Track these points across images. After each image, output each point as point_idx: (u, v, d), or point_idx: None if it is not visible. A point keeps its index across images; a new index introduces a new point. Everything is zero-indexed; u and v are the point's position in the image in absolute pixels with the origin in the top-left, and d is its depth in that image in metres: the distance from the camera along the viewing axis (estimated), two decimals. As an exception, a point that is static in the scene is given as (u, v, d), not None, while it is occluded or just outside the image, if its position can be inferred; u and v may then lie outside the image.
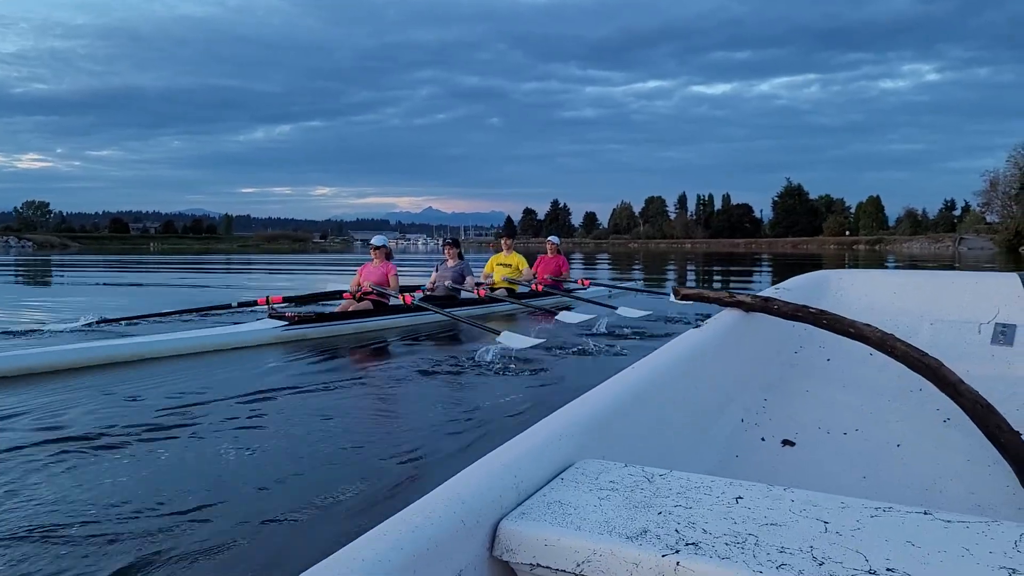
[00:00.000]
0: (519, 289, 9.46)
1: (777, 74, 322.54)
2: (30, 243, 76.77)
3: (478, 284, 8.89)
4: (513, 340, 5.92)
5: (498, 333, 6.11)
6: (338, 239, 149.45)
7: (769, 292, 2.67)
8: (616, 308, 8.02)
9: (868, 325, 2.11)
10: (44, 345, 5.76)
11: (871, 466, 1.96)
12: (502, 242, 10.24)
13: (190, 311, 7.92)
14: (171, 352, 5.73)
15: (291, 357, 5.83)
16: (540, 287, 9.44)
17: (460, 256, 8.87)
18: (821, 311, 2.21)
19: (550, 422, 1.36)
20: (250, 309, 7.84)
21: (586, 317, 7.29)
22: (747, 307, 2.36)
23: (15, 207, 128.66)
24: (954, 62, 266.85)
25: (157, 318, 7.55)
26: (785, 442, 2.10)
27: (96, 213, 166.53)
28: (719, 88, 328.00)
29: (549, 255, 10.13)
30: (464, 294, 8.65)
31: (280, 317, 6.80)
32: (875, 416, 2.23)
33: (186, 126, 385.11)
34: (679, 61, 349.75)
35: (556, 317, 7.37)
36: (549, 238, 10.49)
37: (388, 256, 8.07)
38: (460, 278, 8.63)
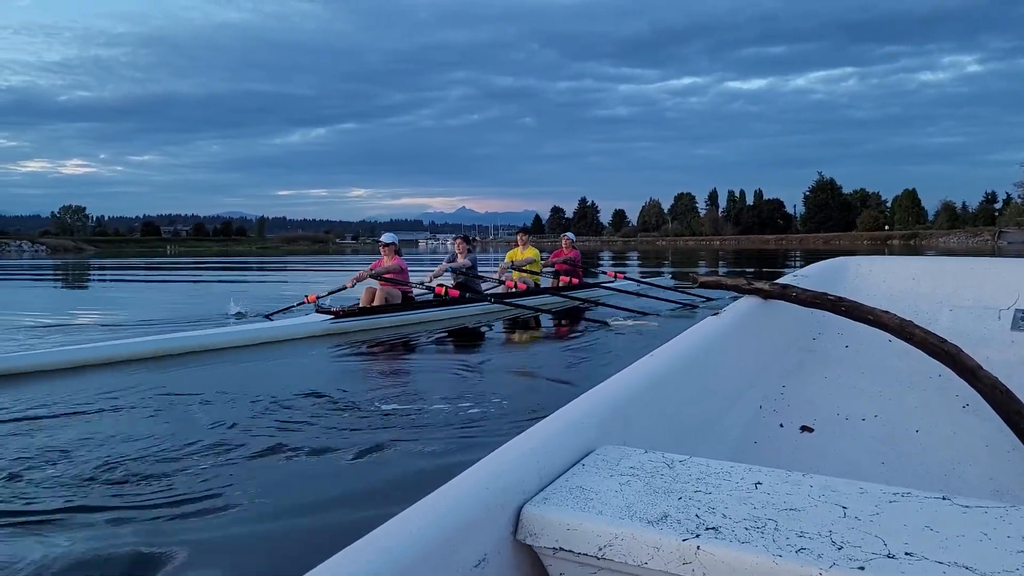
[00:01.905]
0: (541, 283, 10.08)
1: (813, 68, 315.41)
2: (44, 247, 75.71)
3: (499, 281, 9.41)
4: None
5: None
6: (349, 239, 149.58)
7: (787, 279, 2.66)
8: (659, 314, 8.42)
9: (887, 312, 2.10)
10: (120, 339, 6.53)
11: (890, 452, 1.95)
12: (518, 237, 10.78)
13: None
14: (236, 343, 6.43)
15: (337, 349, 6.37)
16: (564, 279, 9.97)
17: (469, 251, 9.50)
18: (839, 298, 2.21)
19: (571, 409, 1.38)
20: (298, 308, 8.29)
21: (648, 316, 7.90)
22: (765, 294, 2.36)
23: (52, 212, 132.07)
24: (996, 52, 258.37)
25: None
26: (803, 428, 2.11)
27: (136, 217, 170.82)
28: (755, 83, 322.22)
29: (564, 250, 10.86)
30: (488, 287, 9.24)
31: (325, 312, 7.34)
32: (894, 402, 2.22)
33: (223, 130, 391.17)
34: (712, 57, 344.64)
35: (619, 315, 7.89)
36: (565, 234, 11.34)
37: (398, 252, 8.41)
38: (472, 270, 9.25)
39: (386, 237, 8.54)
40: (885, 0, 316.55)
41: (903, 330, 2.05)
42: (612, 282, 10.79)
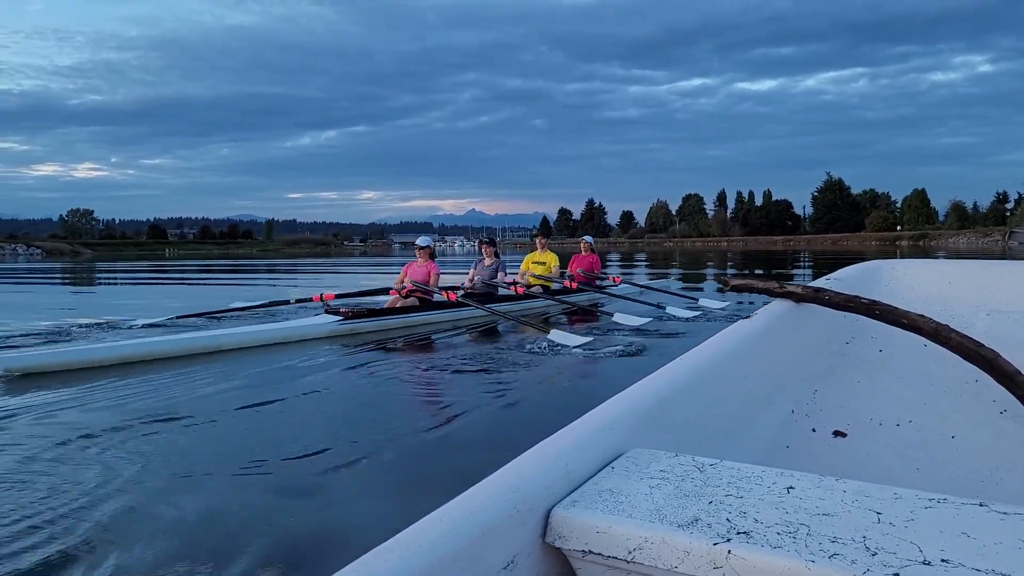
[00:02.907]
0: (553, 286, 9.81)
1: (823, 69, 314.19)
2: (39, 251, 74.38)
3: (514, 282, 9.31)
4: (563, 338, 6.26)
5: (547, 332, 6.49)
6: (357, 242, 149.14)
7: (820, 282, 2.65)
8: (665, 307, 8.35)
9: (922, 315, 2.09)
10: (132, 338, 6.66)
11: (925, 458, 1.94)
12: (537, 241, 10.69)
13: (254, 307, 8.68)
14: (243, 344, 6.45)
15: (346, 350, 6.44)
16: (575, 284, 9.77)
17: (496, 255, 9.36)
18: (873, 301, 2.20)
19: (600, 412, 1.37)
20: (303, 306, 8.56)
21: (642, 321, 7.53)
22: (797, 298, 2.35)
23: (60, 215, 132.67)
24: (1007, 52, 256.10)
25: (227, 313, 8.44)
26: (836, 433, 2.10)
27: (147, 220, 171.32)
28: (764, 84, 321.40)
29: (583, 254, 10.66)
30: (501, 291, 9.08)
31: (335, 313, 7.41)
32: (929, 407, 2.20)
33: (234, 134, 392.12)
34: (721, 58, 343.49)
35: (612, 318, 7.70)
36: (584, 238, 11.07)
37: (432, 256, 8.44)
38: (495, 275, 9.11)
39: (422, 240, 8.64)
40: (895, 0, 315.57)
41: (939, 334, 2.04)
42: (615, 286, 10.69)
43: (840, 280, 2.76)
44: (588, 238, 11.04)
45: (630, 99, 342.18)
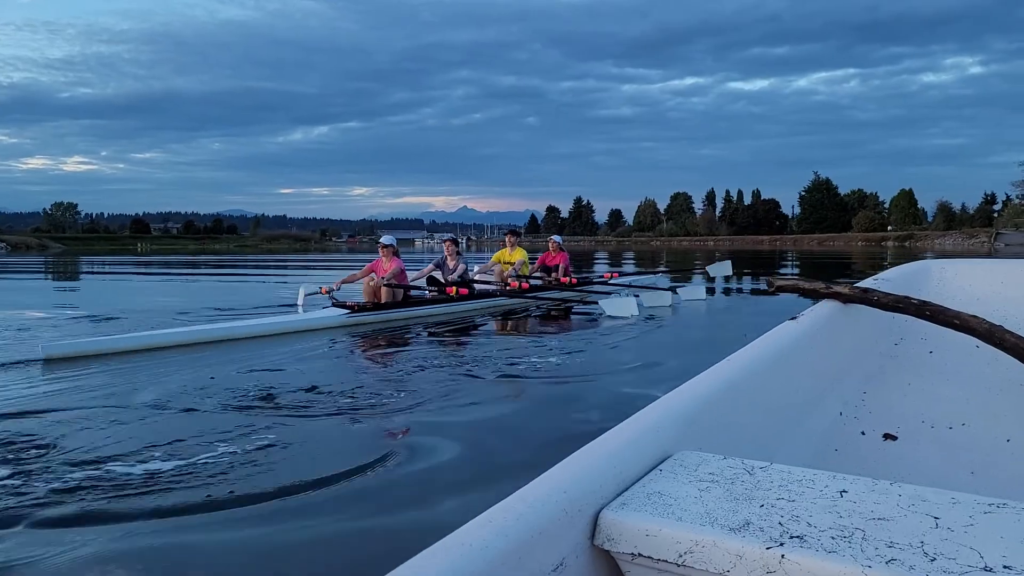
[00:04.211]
0: (531, 283, 10.42)
1: (816, 69, 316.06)
2: (3, 244, 71.12)
3: (517, 276, 10.12)
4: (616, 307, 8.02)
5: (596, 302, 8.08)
6: (346, 238, 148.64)
7: (867, 283, 2.64)
8: (638, 296, 9.11)
9: (974, 316, 2.08)
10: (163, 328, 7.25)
11: (979, 461, 1.92)
12: (506, 239, 11.19)
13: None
14: (262, 333, 7.14)
15: (355, 338, 7.16)
16: (569, 280, 10.51)
17: (459, 253, 9.82)
18: (923, 302, 2.18)
19: (647, 413, 1.36)
20: (314, 301, 9.12)
21: (626, 310, 8.40)
22: (845, 298, 2.34)
23: (44, 208, 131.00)
24: (999, 54, 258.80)
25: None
26: (887, 436, 2.08)
27: (136, 214, 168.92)
28: (757, 84, 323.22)
29: (551, 252, 11.23)
30: (489, 288, 9.82)
31: (342, 306, 8.01)
32: (982, 410, 2.19)
33: (226, 128, 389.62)
34: (716, 57, 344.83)
35: (599, 303, 8.52)
36: (552, 237, 11.84)
37: (396, 254, 8.94)
38: (465, 272, 9.65)
39: (385, 239, 9.13)
40: (889, 1, 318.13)
41: (992, 335, 2.03)
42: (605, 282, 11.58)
43: (888, 280, 2.74)
44: (556, 237, 11.69)
45: (624, 98, 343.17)
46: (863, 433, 2.08)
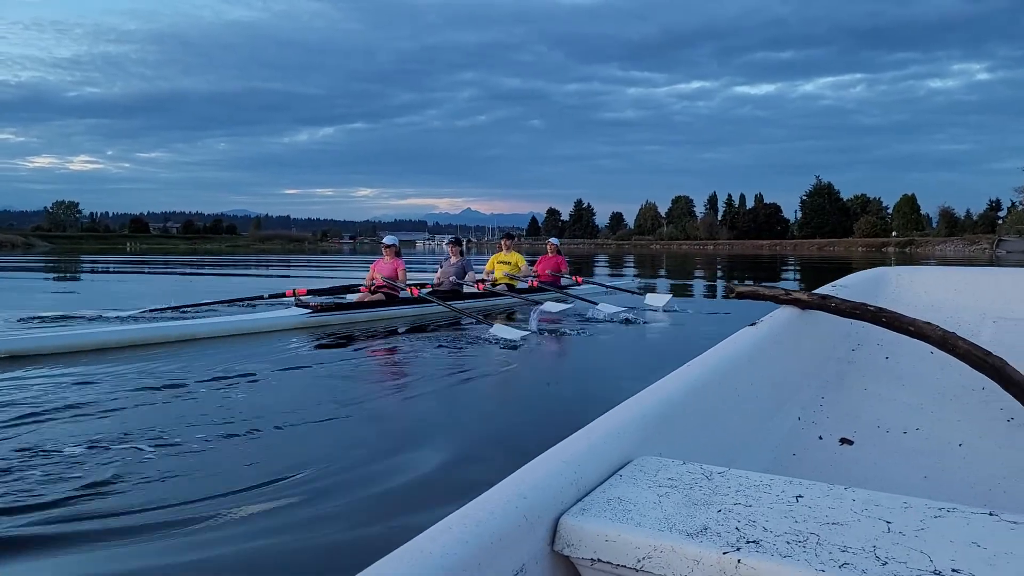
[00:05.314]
0: (519, 285, 10.51)
1: (822, 74, 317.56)
2: None
3: (480, 280, 10.06)
4: (504, 331, 6.88)
5: (491, 325, 7.15)
6: (347, 239, 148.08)
7: (826, 289, 2.66)
8: (596, 304, 9.02)
9: (928, 323, 2.09)
10: (109, 325, 7.00)
11: (932, 466, 1.94)
12: (502, 242, 11.44)
13: (229, 301, 9.03)
14: (216, 334, 6.82)
15: (313, 340, 6.93)
16: (536, 283, 10.52)
17: (461, 254, 10.02)
18: (880, 308, 2.20)
19: (607, 419, 1.37)
20: (278, 301, 8.93)
21: (564, 306, 8.51)
22: (803, 304, 2.35)
23: (45, 207, 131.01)
24: (1005, 61, 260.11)
25: (204, 307, 8.71)
26: (843, 441, 2.09)
27: (140, 213, 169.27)
28: (763, 88, 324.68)
29: (549, 254, 11.41)
30: (467, 288, 9.75)
31: (304, 306, 7.84)
32: (936, 415, 2.21)
33: (231, 129, 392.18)
34: (720, 62, 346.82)
35: (540, 307, 8.46)
36: (549, 239, 12.01)
37: (397, 254, 9.15)
38: (462, 274, 9.74)
39: (388, 239, 9.39)
40: (895, 7, 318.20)
41: (946, 342, 2.04)
42: (577, 286, 11.40)
43: (846, 287, 2.76)
44: (554, 240, 11.93)
45: (629, 101, 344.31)
46: (820, 438, 2.10)
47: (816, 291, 2.44)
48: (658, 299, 10.07)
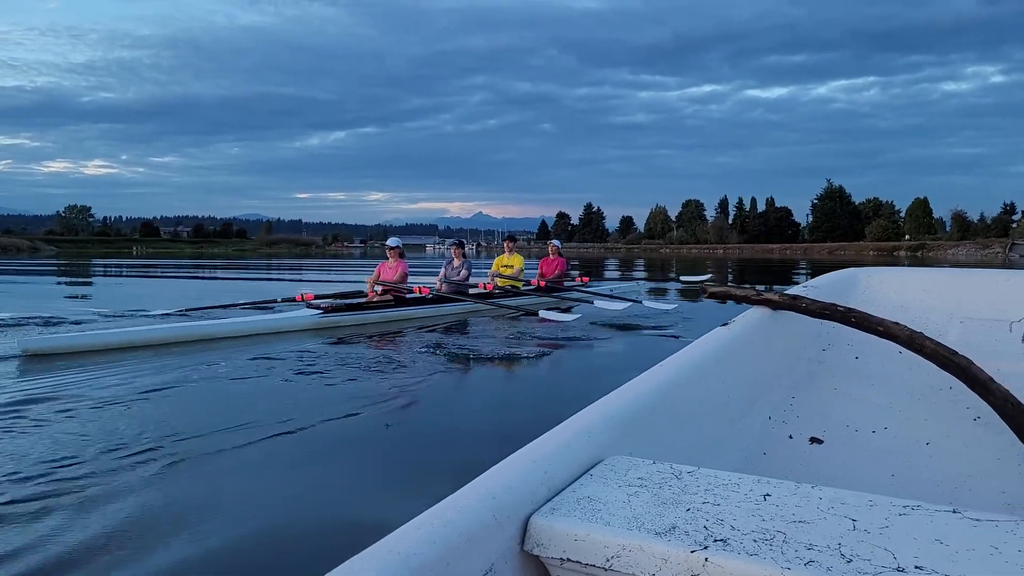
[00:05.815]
0: (522, 287, 10.69)
1: (835, 77, 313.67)
2: None
3: (484, 281, 10.36)
4: (550, 315, 7.49)
5: (536, 314, 7.86)
6: (358, 243, 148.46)
7: (797, 290, 2.67)
8: (596, 304, 9.19)
9: (897, 323, 2.10)
10: (138, 325, 7.38)
11: (900, 464, 1.95)
12: (504, 245, 11.55)
13: (244, 304, 9.30)
14: (233, 334, 7.17)
15: (325, 339, 7.13)
16: (543, 283, 10.77)
17: (464, 256, 10.17)
18: (849, 309, 2.21)
19: (579, 419, 1.38)
20: (289, 305, 9.03)
21: (569, 318, 8.35)
22: (775, 305, 2.36)
23: (57, 211, 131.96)
24: (1020, 63, 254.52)
25: (220, 308, 9.02)
26: (813, 440, 2.10)
27: (154, 218, 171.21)
28: (775, 91, 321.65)
29: (551, 257, 11.55)
30: (471, 290, 9.96)
31: (316, 308, 8.06)
32: (904, 414, 2.21)
33: (244, 133, 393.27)
34: (732, 65, 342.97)
35: (540, 313, 8.56)
36: (551, 242, 12.20)
37: (401, 255, 9.29)
38: (464, 275, 9.91)
39: (391, 241, 9.53)
40: (908, 9, 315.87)
41: (913, 342, 2.05)
42: (582, 286, 11.48)
43: (817, 288, 2.77)
44: (555, 242, 12.05)
45: (640, 104, 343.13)
46: (791, 437, 2.11)
47: (787, 291, 2.45)
48: (659, 301, 10.22)
